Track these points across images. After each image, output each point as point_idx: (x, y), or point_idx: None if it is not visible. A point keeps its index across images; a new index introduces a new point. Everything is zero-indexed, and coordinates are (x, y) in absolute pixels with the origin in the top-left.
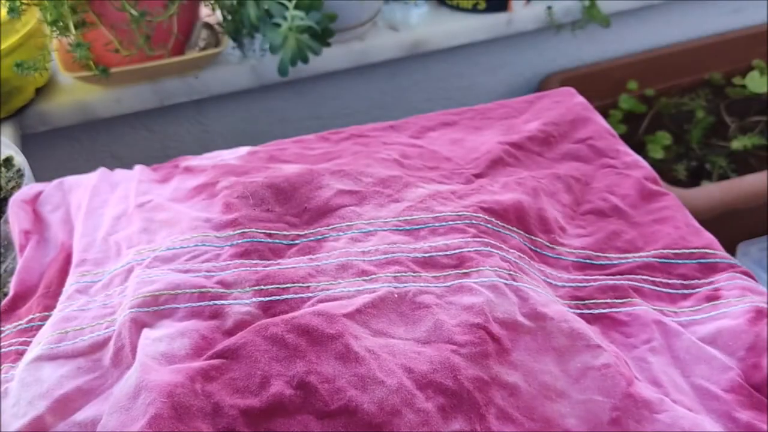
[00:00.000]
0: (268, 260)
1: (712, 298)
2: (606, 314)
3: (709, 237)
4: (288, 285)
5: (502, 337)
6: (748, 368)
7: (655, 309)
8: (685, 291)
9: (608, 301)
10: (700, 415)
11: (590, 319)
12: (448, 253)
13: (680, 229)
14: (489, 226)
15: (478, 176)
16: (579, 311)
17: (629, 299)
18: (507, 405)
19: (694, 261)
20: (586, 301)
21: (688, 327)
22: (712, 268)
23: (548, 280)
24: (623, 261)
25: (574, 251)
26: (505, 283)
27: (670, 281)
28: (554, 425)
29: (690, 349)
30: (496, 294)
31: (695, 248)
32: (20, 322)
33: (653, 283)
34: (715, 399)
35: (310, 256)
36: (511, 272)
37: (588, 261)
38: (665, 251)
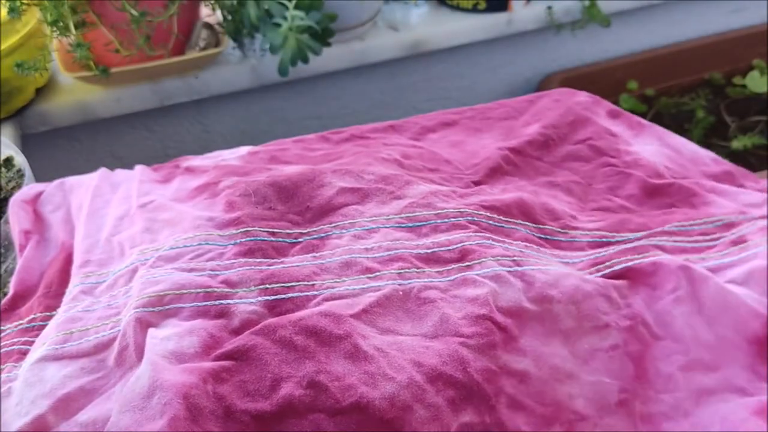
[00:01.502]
0: (272, 259)
1: (739, 242)
2: (630, 267)
3: (724, 207)
4: (293, 284)
5: (509, 325)
6: None
7: (681, 259)
8: (709, 243)
9: (629, 257)
10: (714, 374)
11: (614, 276)
12: (450, 248)
13: (689, 213)
14: (491, 222)
15: (477, 183)
16: (601, 273)
17: (651, 252)
18: (517, 393)
19: (710, 225)
20: (606, 263)
21: (718, 271)
22: (729, 225)
23: (563, 260)
24: (640, 234)
25: (588, 232)
26: (509, 271)
27: (691, 238)
28: (564, 407)
29: (716, 296)
30: (499, 284)
31: (708, 216)
32: (21, 321)
33: (674, 241)
34: (739, 350)
35: (314, 254)
36: (514, 258)
37: (604, 240)
38: (680, 222)
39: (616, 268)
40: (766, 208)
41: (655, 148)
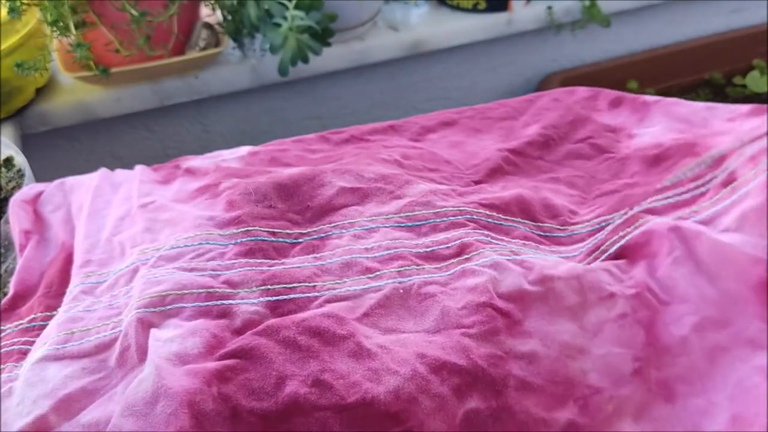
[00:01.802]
0: (273, 259)
1: (729, 181)
2: (623, 246)
3: (724, 144)
4: (294, 284)
5: (511, 309)
6: None
7: (671, 219)
8: (701, 189)
9: (620, 234)
10: (725, 330)
11: (611, 258)
12: (449, 245)
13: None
14: (490, 220)
15: (477, 183)
16: (598, 260)
17: (640, 221)
18: (527, 374)
19: (702, 165)
20: (601, 247)
21: (712, 221)
22: (720, 160)
23: (563, 256)
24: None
25: (588, 223)
26: (508, 259)
27: (683, 189)
28: (577, 383)
29: (712, 250)
30: (499, 271)
31: (701, 155)
32: (21, 321)
33: (665, 198)
34: (746, 301)
35: (314, 255)
36: (512, 249)
37: (603, 224)
38: (674, 174)
39: (610, 251)
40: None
41: (662, 126)
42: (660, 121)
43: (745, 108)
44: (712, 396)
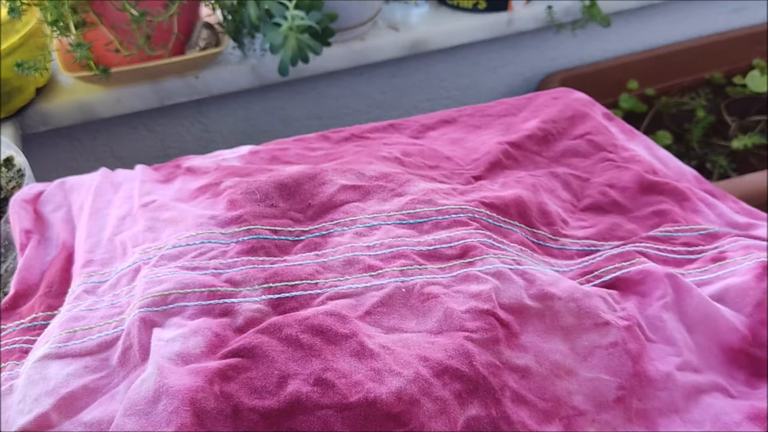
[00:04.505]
0: (275, 257)
1: (718, 259)
2: (618, 277)
3: (710, 222)
4: (296, 282)
5: (511, 321)
6: (756, 324)
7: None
8: (690, 256)
9: (616, 265)
10: (702, 375)
11: (605, 286)
12: (451, 245)
13: (678, 216)
14: (490, 221)
15: (477, 178)
16: (591, 284)
17: (637, 260)
18: (520, 387)
19: (695, 234)
20: (595, 272)
21: (698, 287)
22: (714, 236)
23: (554, 269)
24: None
25: (578, 241)
26: (510, 268)
27: (674, 248)
28: (562, 403)
29: (699, 306)
30: (501, 280)
31: (695, 224)
32: (23, 320)
33: (658, 249)
34: (716, 357)
35: (316, 252)
36: (514, 258)
37: (592, 249)
38: (666, 227)
39: (605, 278)
40: (766, 231)
41: (646, 153)
42: (643, 150)
43: (707, 183)
44: (692, 427)
